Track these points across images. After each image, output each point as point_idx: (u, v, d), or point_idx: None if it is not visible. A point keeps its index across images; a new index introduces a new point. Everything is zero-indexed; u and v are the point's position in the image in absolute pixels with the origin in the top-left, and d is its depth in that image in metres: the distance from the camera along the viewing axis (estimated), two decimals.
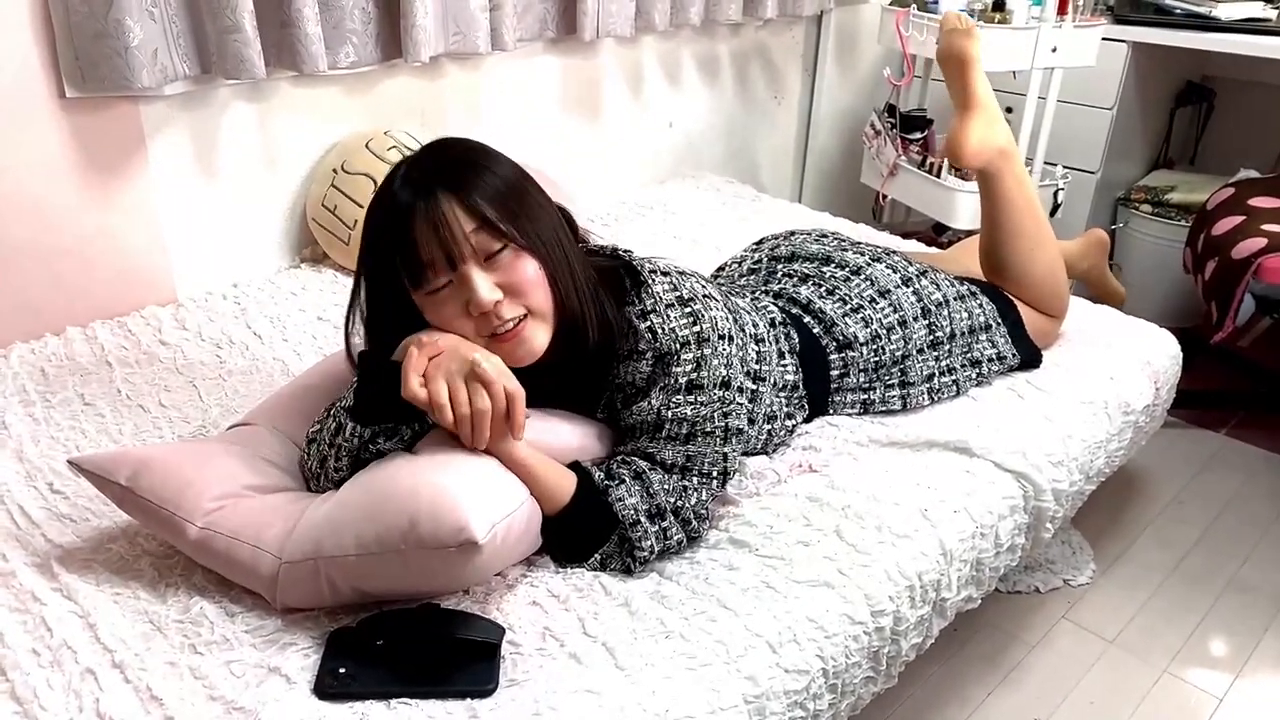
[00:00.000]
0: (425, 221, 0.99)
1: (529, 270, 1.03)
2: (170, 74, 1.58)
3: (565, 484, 1.07)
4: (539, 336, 1.05)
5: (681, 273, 1.16)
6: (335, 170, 1.84)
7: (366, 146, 1.85)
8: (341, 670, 0.91)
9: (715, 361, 1.10)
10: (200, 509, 1.02)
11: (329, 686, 0.90)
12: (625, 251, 1.18)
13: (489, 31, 1.94)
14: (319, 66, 1.69)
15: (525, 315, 1.04)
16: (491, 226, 1.00)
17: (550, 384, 1.12)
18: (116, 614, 0.99)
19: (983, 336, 1.48)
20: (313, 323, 1.67)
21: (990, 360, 1.49)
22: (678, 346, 1.09)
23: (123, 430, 1.35)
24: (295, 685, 0.90)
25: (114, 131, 1.63)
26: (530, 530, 1.04)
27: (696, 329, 1.09)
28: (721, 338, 1.11)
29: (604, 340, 1.10)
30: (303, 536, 0.99)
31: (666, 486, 1.09)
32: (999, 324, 1.50)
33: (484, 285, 1.00)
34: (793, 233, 1.58)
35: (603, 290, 1.11)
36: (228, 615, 1.00)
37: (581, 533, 1.07)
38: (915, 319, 1.41)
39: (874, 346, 1.38)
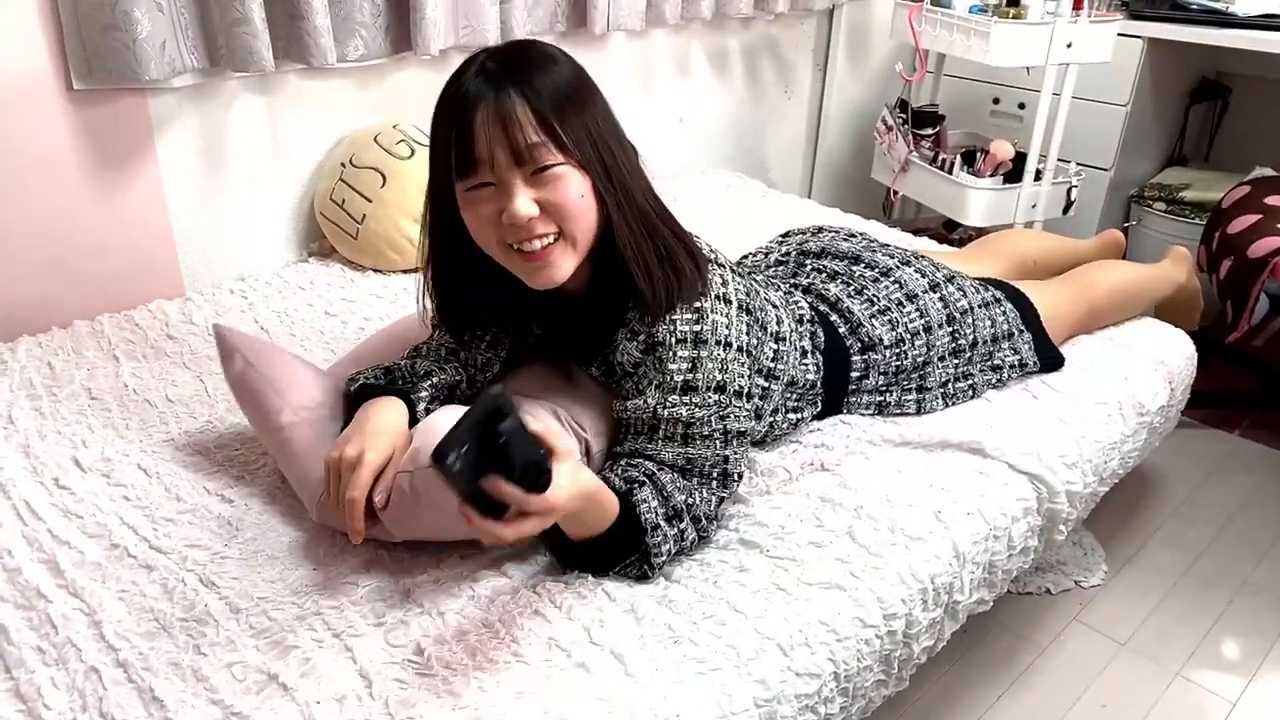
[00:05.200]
0: (487, 113, 0.96)
1: (573, 190, 0.99)
2: (178, 66, 1.57)
3: (615, 506, 1.02)
4: (565, 264, 1.03)
5: (712, 260, 1.13)
6: (344, 164, 1.83)
7: (375, 140, 1.84)
8: (465, 447, 0.84)
9: (710, 365, 1.08)
10: (295, 405, 1.16)
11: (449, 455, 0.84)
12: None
13: (499, 24, 1.93)
14: (328, 59, 1.68)
15: (557, 237, 1.01)
16: (552, 136, 0.97)
17: (553, 328, 1.10)
18: (122, 611, 0.99)
19: (1005, 344, 1.47)
20: (320, 317, 1.66)
21: (1012, 367, 1.47)
22: (673, 340, 1.07)
23: (129, 425, 1.34)
24: (294, 691, 0.89)
25: (122, 124, 1.62)
26: None
27: (697, 328, 1.07)
28: (719, 343, 1.08)
29: (638, 282, 1.05)
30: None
31: (678, 485, 1.07)
32: (1022, 331, 1.49)
33: (523, 200, 0.97)
34: (821, 229, 1.57)
35: (670, 245, 1.06)
36: (232, 612, 0.99)
37: (615, 546, 1.03)
38: (940, 326, 1.39)
39: (897, 350, 1.36)
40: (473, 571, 1.05)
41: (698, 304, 1.08)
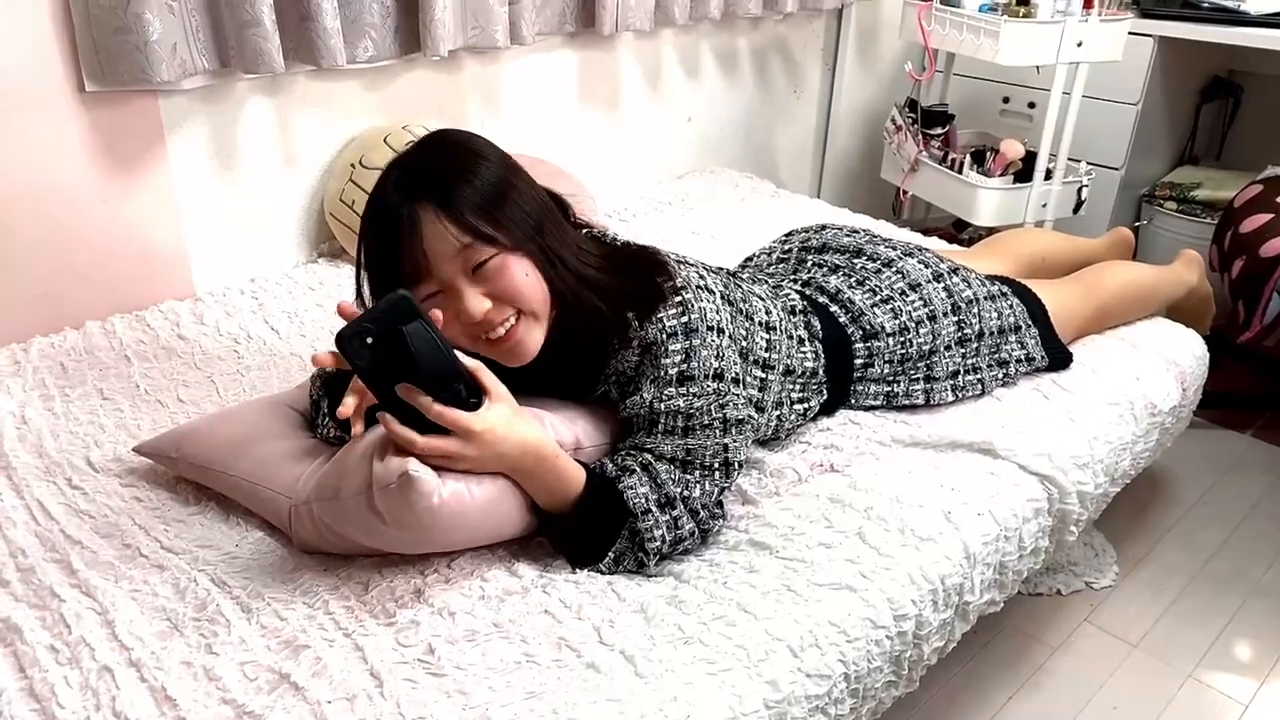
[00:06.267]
0: (411, 236, 0.99)
1: (517, 275, 1.02)
2: (189, 68, 1.58)
3: (579, 476, 1.05)
4: (532, 337, 1.06)
5: (680, 261, 1.15)
6: (353, 165, 1.84)
7: (385, 141, 1.84)
8: (370, 340, 0.90)
9: (705, 353, 1.08)
10: (234, 459, 1.15)
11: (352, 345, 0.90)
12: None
13: (507, 25, 1.93)
14: (337, 60, 1.68)
15: (518, 317, 1.04)
16: (479, 236, 0.99)
17: (541, 376, 1.11)
18: (134, 610, 0.99)
19: (1012, 337, 1.47)
20: (330, 318, 1.67)
21: (1019, 361, 1.47)
22: (664, 337, 1.07)
23: (140, 425, 1.35)
24: (306, 691, 0.89)
25: (133, 125, 1.63)
26: (503, 504, 1.03)
27: (685, 319, 1.08)
28: (710, 329, 1.09)
29: (599, 329, 1.09)
30: (307, 483, 1.08)
31: (673, 476, 1.07)
32: (1029, 325, 1.48)
33: (472, 299, 1.00)
34: (824, 226, 1.57)
35: (608, 277, 1.09)
36: (244, 611, 0.99)
37: (596, 527, 1.06)
38: (945, 314, 1.39)
39: (901, 339, 1.36)
40: (483, 571, 1.05)
41: (679, 297, 1.09)
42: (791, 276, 1.46)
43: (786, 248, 1.55)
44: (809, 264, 1.48)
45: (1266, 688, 1.51)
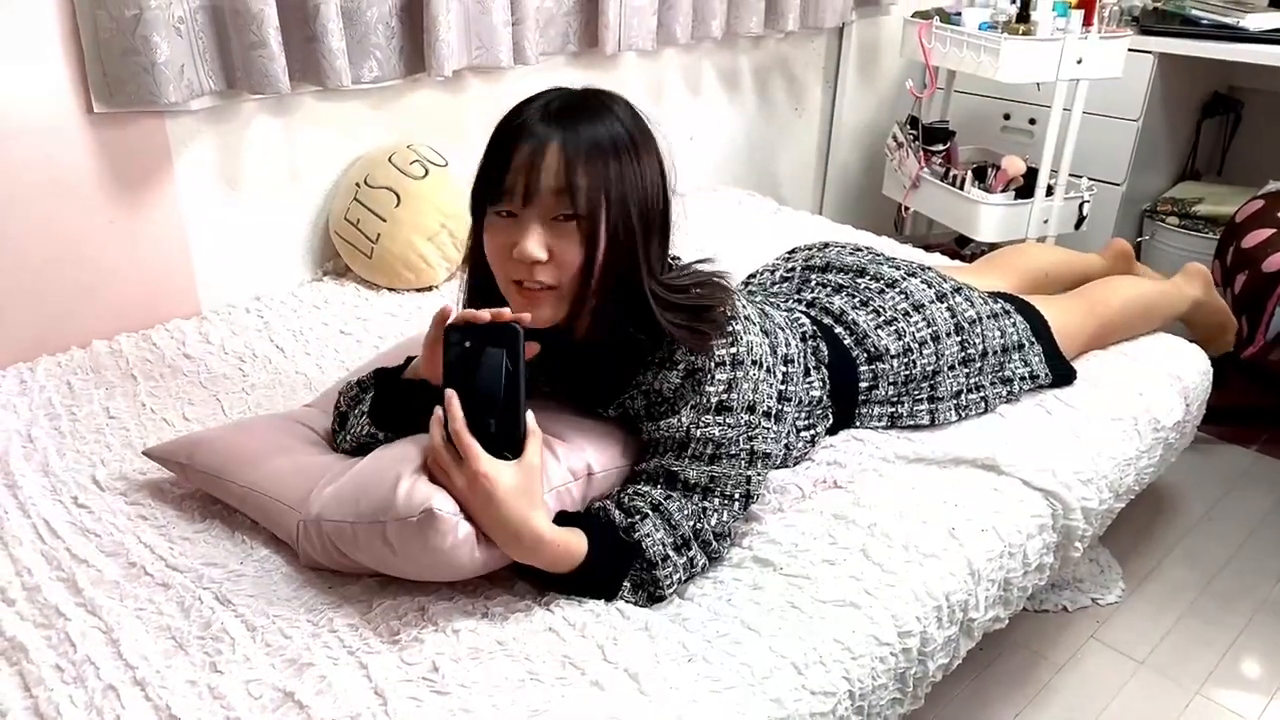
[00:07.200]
0: (526, 149, 0.99)
1: (580, 252, 1.00)
2: (196, 89, 1.59)
3: (580, 546, 1.03)
4: (548, 312, 1.04)
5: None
6: (358, 184, 1.85)
7: (389, 160, 1.86)
8: (468, 344, 0.97)
9: (745, 386, 1.09)
10: (245, 470, 1.16)
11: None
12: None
13: (511, 46, 1.94)
14: (343, 81, 1.70)
15: (553, 287, 1.02)
16: (575, 194, 0.98)
17: (571, 373, 1.11)
18: (139, 629, 0.99)
19: (1015, 355, 1.47)
20: (335, 336, 1.68)
21: (1022, 378, 1.47)
22: (713, 365, 1.07)
23: (146, 443, 1.34)
24: (310, 709, 0.89)
25: (141, 146, 1.64)
26: None
27: (734, 350, 1.08)
28: (755, 363, 1.10)
29: (647, 343, 1.08)
30: (318, 499, 1.07)
31: (686, 511, 1.07)
32: (1032, 343, 1.49)
33: (535, 240, 0.99)
34: (827, 244, 1.58)
35: (677, 299, 1.07)
36: (249, 630, 0.99)
37: (604, 578, 1.04)
38: (948, 334, 1.40)
39: (905, 360, 1.36)
40: (487, 589, 1.05)
41: (730, 327, 1.08)
42: (795, 296, 1.46)
43: (790, 266, 1.55)
44: (813, 283, 1.48)
45: (1275, 704, 1.50)
